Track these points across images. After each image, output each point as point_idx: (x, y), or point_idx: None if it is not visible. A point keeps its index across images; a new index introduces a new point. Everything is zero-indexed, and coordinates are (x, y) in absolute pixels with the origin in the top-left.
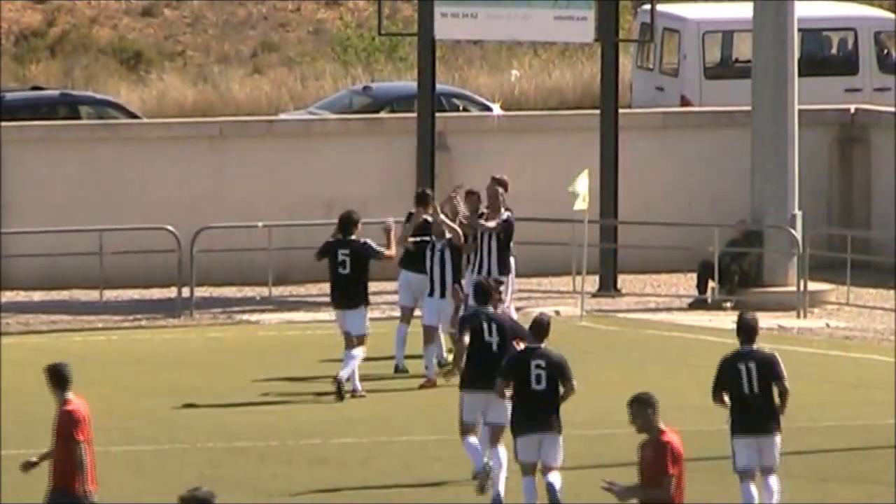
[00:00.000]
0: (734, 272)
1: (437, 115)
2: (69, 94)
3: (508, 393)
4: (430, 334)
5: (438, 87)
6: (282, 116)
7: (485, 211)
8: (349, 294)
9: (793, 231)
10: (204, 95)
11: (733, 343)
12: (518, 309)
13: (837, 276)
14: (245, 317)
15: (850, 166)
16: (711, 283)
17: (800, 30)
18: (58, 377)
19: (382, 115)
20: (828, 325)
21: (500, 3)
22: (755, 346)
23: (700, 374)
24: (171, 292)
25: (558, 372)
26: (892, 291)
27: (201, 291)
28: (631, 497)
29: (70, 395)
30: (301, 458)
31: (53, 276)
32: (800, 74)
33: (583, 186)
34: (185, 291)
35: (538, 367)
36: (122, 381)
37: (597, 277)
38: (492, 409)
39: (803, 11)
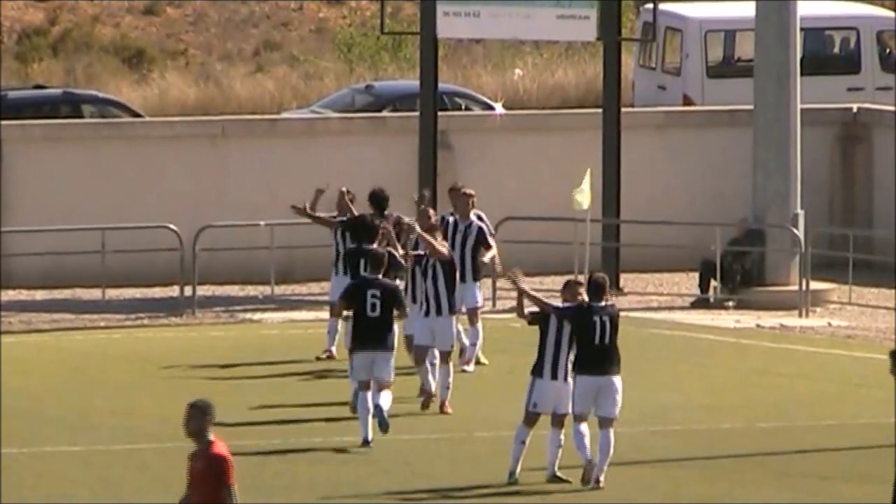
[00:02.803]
0: (736, 271)
1: (440, 113)
2: (71, 93)
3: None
4: (421, 354)
5: (441, 85)
6: (284, 115)
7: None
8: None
9: (795, 230)
10: (206, 94)
11: (735, 342)
12: None
13: (839, 275)
14: (247, 315)
15: (852, 165)
16: (713, 282)
17: (802, 29)
18: None
19: (385, 113)
20: (830, 324)
21: (502, 2)
22: (604, 303)
23: (702, 373)
24: (174, 291)
25: (391, 299)
26: (893, 290)
27: (203, 290)
28: None
29: None
30: (302, 456)
31: (56, 274)
32: (802, 73)
33: (584, 190)
34: (188, 290)
35: (373, 296)
36: (125, 380)
37: None
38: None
39: (805, 10)
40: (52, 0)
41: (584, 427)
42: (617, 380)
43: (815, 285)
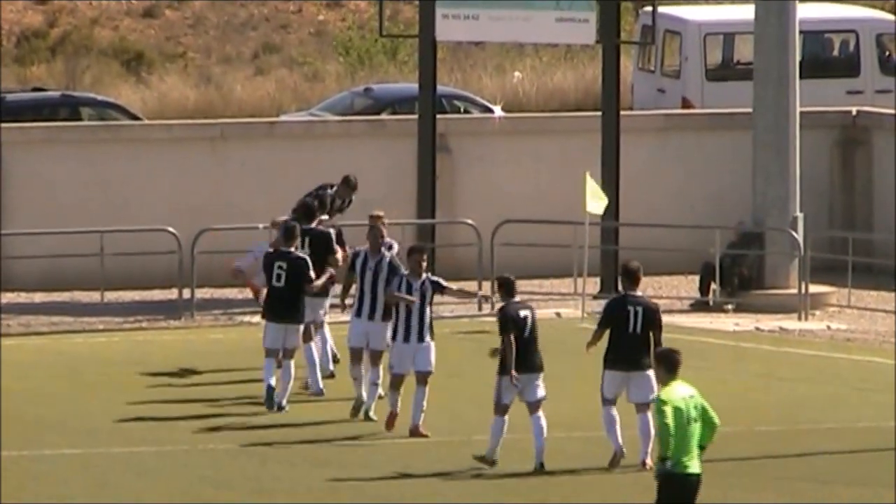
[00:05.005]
0: (735, 274)
1: (439, 116)
2: (70, 96)
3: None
4: (363, 357)
5: (440, 88)
6: (283, 118)
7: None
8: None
9: (794, 233)
10: (205, 97)
11: (735, 345)
12: None
13: (839, 278)
14: (246, 318)
15: (852, 168)
16: (713, 286)
17: (801, 32)
18: None
19: (384, 116)
20: (829, 328)
21: (501, 4)
22: (639, 293)
23: (701, 376)
24: (172, 294)
25: (299, 271)
26: (893, 294)
27: (202, 293)
28: None
29: None
30: (302, 459)
31: (54, 277)
32: (801, 76)
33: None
34: (186, 293)
35: (279, 267)
36: (123, 383)
37: (598, 279)
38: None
39: (805, 13)
40: (51, 2)
41: (613, 409)
42: (651, 373)
43: (814, 288)
